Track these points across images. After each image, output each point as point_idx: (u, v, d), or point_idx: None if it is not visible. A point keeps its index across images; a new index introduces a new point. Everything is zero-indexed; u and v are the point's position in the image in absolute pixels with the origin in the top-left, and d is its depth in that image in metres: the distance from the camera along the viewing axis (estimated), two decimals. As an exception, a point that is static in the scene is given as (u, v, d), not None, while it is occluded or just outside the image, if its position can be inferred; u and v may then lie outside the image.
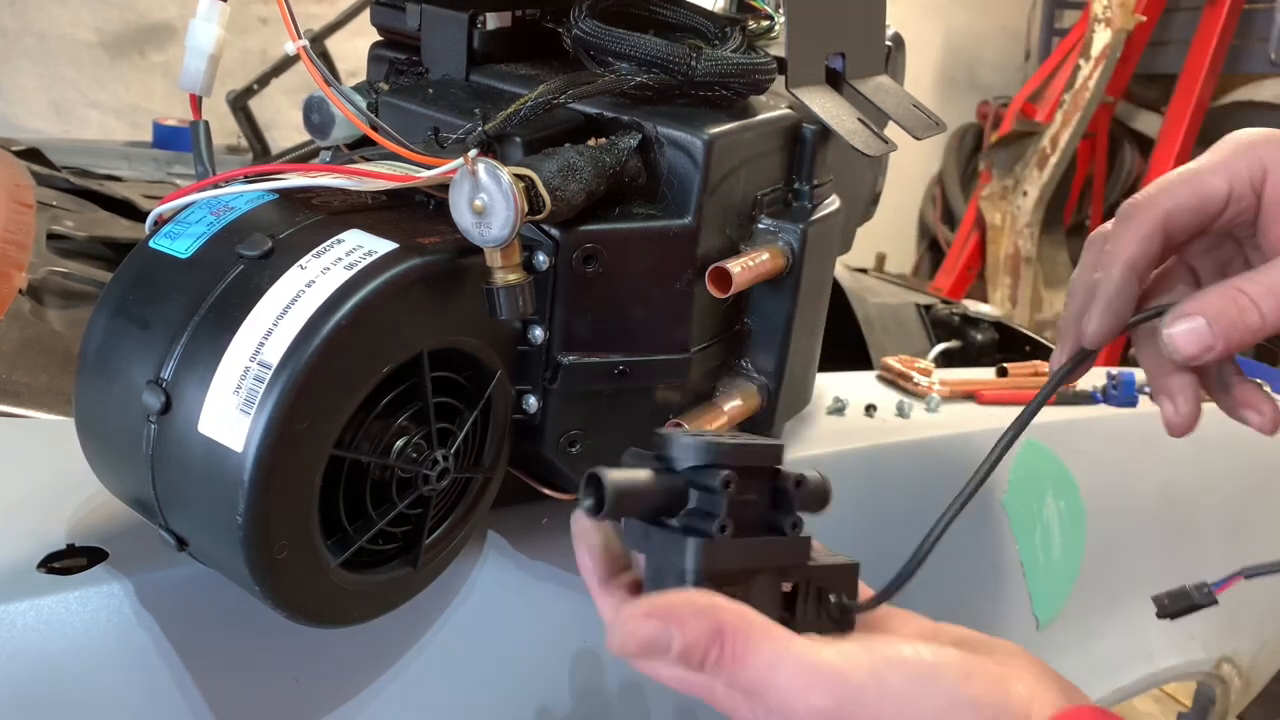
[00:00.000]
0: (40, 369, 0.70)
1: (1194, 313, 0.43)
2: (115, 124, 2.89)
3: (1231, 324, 0.43)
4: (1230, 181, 0.45)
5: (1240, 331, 0.43)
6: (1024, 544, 0.87)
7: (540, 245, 0.49)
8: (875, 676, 0.35)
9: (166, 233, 0.47)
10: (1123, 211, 0.47)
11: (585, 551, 0.43)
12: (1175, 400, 0.48)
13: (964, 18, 4.31)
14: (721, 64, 0.52)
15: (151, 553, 0.50)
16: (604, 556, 0.42)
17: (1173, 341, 0.43)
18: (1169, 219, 0.45)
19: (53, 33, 2.81)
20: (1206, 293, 0.44)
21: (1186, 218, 0.46)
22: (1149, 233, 0.45)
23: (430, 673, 0.57)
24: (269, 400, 0.40)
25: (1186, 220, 0.46)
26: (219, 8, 0.51)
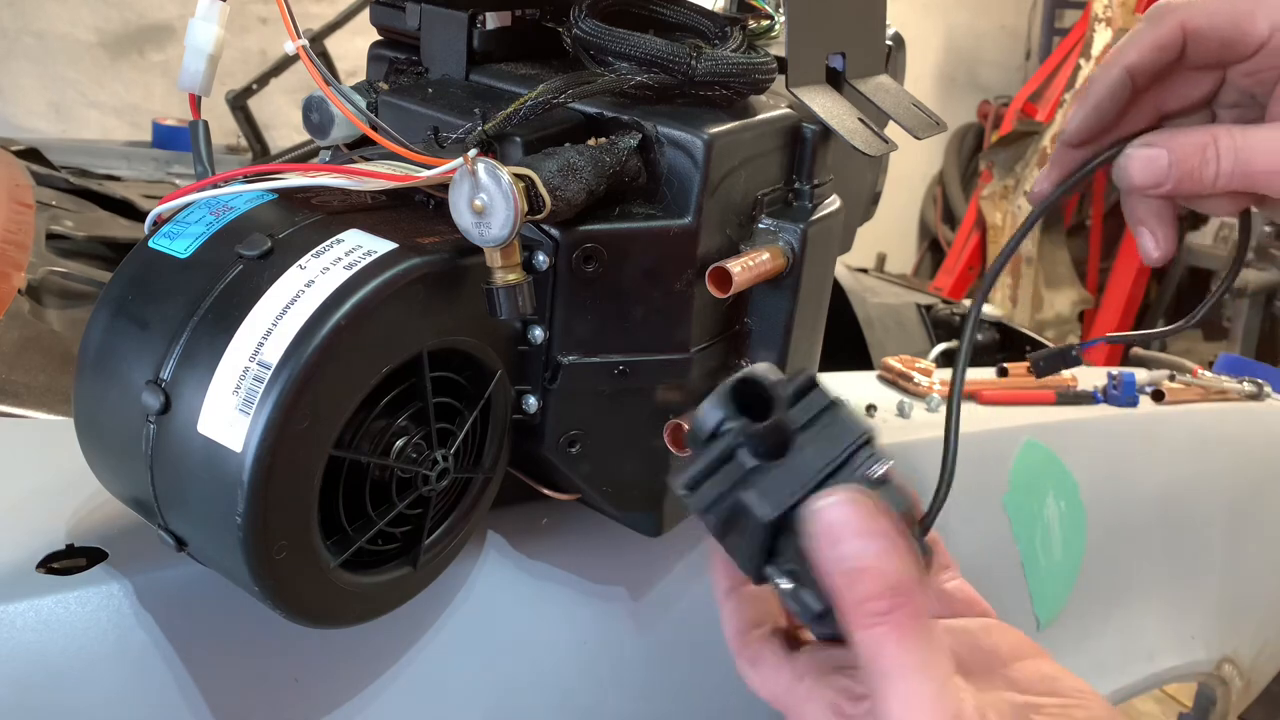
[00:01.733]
0: (39, 369, 0.70)
1: (1159, 144, 0.42)
2: (115, 124, 2.89)
3: (1189, 170, 0.41)
4: (1273, 28, 0.42)
5: (1194, 180, 0.41)
6: (1024, 544, 0.87)
7: (540, 245, 0.49)
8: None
9: (166, 233, 0.47)
10: (1149, 13, 0.44)
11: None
12: (1154, 231, 0.46)
13: (964, 17, 4.31)
14: (721, 64, 0.52)
15: (151, 553, 0.50)
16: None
17: (1127, 163, 0.42)
18: (1192, 32, 0.43)
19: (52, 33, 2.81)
20: (1184, 131, 0.42)
21: (1213, 40, 0.43)
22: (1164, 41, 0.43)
23: (430, 673, 0.57)
24: (268, 400, 0.40)
25: (1211, 43, 0.43)
26: (218, 7, 0.51)
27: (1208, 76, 0.46)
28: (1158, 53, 0.43)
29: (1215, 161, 0.42)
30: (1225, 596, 1.09)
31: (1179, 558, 1.03)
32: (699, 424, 0.37)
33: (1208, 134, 0.42)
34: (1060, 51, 3.47)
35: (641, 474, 0.57)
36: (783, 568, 0.36)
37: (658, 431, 0.55)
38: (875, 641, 0.32)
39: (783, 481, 0.35)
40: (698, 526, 0.65)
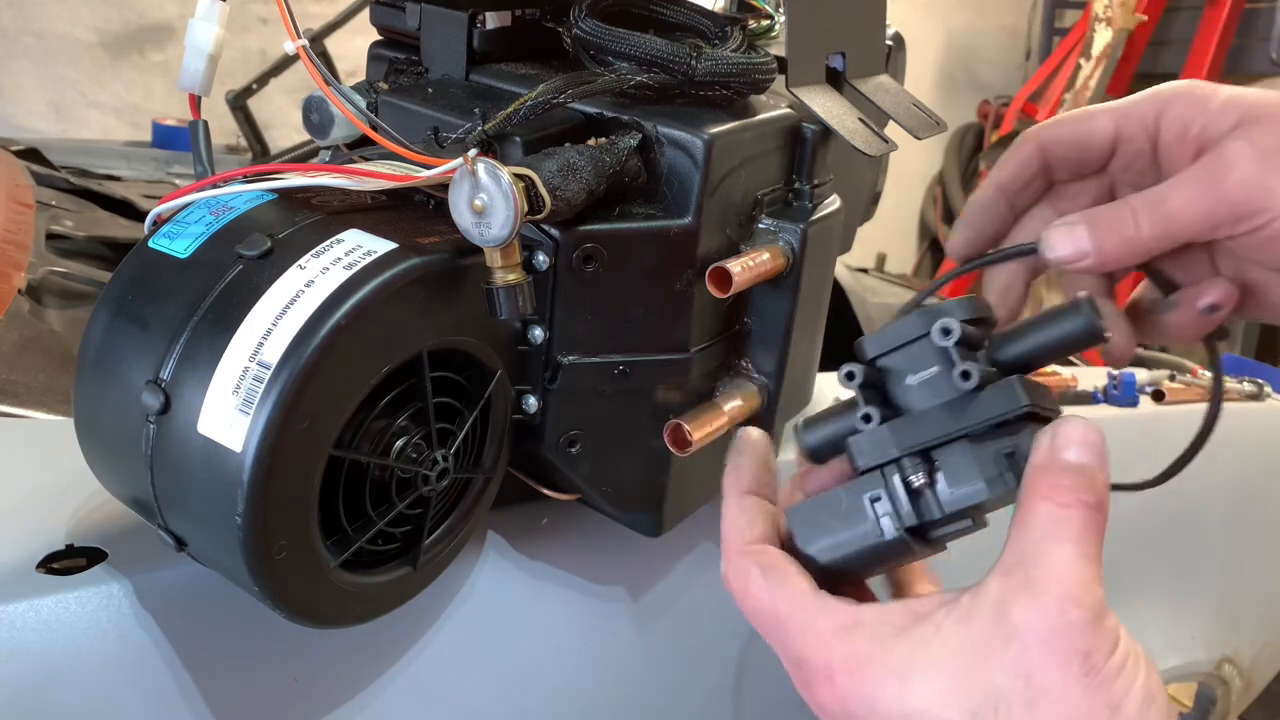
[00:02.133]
0: (39, 369, 0.70)
1: (1077, 220, 0.43)
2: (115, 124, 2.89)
3: (1108, 229, 0.43)
4: (1118, 123, 0.47)
5: (1116, 239, 0.43)
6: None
7: (540, 245, 0.49)
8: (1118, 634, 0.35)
9: (165, 232, 0.47)
10: (1017, 140, 0.49)
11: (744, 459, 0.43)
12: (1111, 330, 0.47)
13: (964, 17, 4.31)
14: (721, 63, 0.52)
15: (151, 553, 0.50)
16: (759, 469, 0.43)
17: (1048, 239, 0.43)
18: (1047, 149, 0.47)
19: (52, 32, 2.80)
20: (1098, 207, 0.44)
21: (1067, 150, 0.47)
22: (1025, 159, 0.48)
23: (430, 673, 0.57)
24: (268, 400, 0.40)
25: (1067, 154, 0.47)
26: (218, 7, 0.51)
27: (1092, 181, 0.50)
28: (1022, 170, 0.48)
29: (1134, 221, 0.43)
30: (1225, 596, 1.09)
31: (1179, 558, 1.03)
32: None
33: (1121, 202, 0.44)
34: (1060, 51, 3.47)
35: (641, 474, 0.57)
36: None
37: (658, 431, 0.55)
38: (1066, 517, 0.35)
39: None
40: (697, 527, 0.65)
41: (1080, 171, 0.48)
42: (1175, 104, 0.45)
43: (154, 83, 2.93)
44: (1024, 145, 0.48)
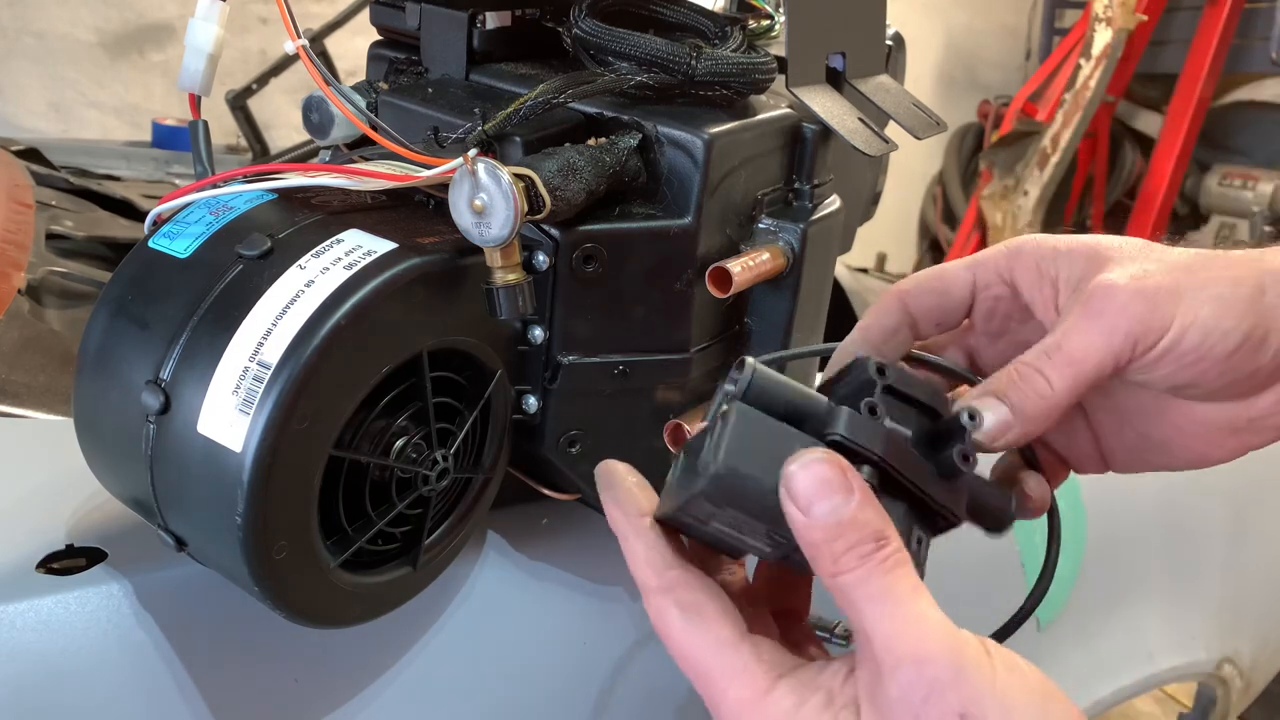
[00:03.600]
0: (39, 369, 0.70)
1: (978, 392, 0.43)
2: (114, 124, 2.89)
3: (1022, 395, 0.42)
4: (975, 272, 0.48)
5: (1035, 402, 0.42)
6: (1024, 544, 0.87)
7: (540, 245, 0.49)
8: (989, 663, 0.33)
9: (165, 232, 0.47)
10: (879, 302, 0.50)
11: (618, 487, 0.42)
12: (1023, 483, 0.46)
13: (964, 17, 4.31)
14: (721, 63, 0.52)
15: (151, 553, 0.50)
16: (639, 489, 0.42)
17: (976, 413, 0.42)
18: (907, 298, 0.48)
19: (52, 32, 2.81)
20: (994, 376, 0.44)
21: (928, 299, 0.48)
22: (885, 308, 0.48)
23: (430, 673, 0.57)
24: (268, 400, 0.40)
25: (929, 301, 0.48)
26: (218, 7, 0.51)
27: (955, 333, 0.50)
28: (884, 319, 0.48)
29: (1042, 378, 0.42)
30: (1225, 596, 1.09)
31: (1179, 557, 1.03)
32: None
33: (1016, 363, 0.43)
34: (1060, 51, 3.47)
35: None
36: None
37: (658, 431, 0.55)
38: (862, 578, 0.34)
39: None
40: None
41: (943, 322, 0.49)
42: (1024, 253, 0.46)
43: (154, 83, 2.94)
44: (886, 298, 0.48)
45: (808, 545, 0.35)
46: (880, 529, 0.35)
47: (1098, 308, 0.42)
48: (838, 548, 0.34)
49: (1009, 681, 0.33)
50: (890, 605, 0.33)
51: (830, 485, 0.34)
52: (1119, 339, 0.42)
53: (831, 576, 0.34)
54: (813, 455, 0.35)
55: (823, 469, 0.35)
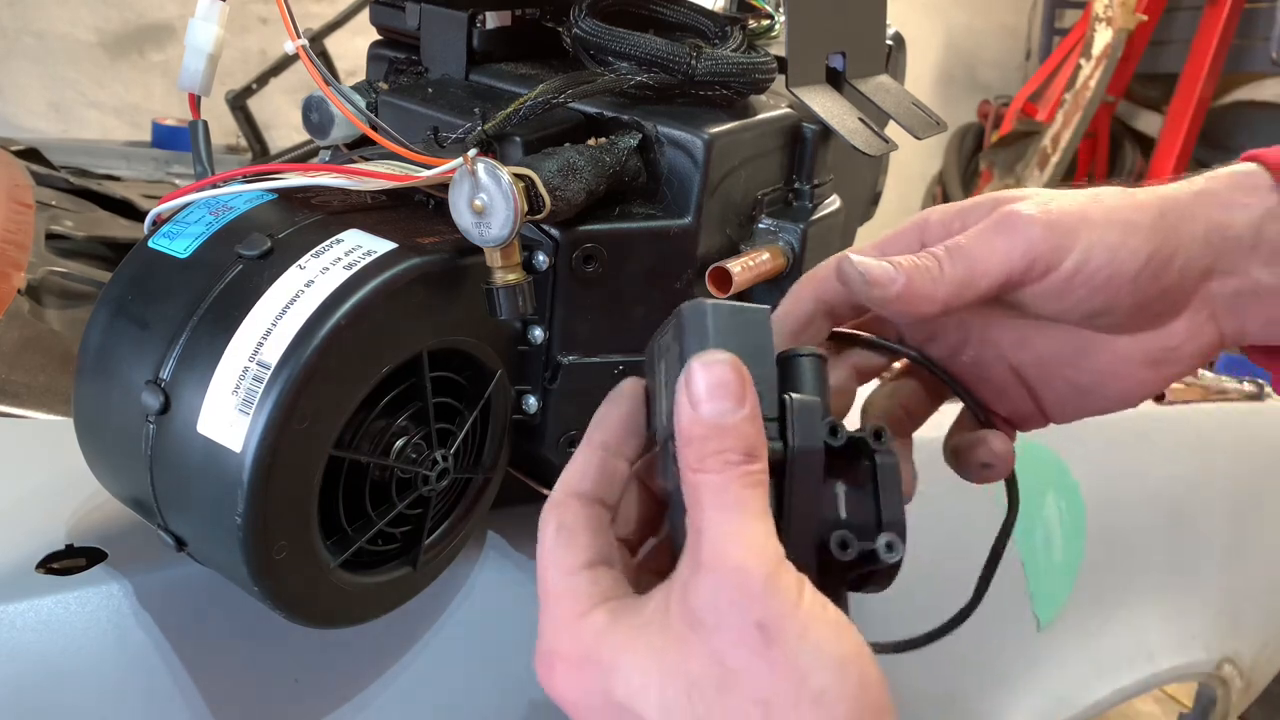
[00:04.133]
0: (39, 369, 0.70)
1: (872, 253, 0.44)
2: (114, 124, 2.89)
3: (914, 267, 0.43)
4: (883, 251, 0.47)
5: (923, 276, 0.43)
6: (1024, 544, 0.87)
7: (540, 245, 0.49)
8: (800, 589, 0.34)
9: (165, 232, 0.47)
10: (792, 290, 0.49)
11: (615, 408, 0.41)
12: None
13: (964, 17, 4.31)
14: (721, 63, 0.52)
15: (150, 553, 0.50)
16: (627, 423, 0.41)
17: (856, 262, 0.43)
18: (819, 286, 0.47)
19: (52, 32, 2.81)
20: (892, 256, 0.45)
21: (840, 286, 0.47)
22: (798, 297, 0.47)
23: (430, 673, 0.57)
24: (268, 400, 0.40)
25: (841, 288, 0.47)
26: (218, 7, 0.51)
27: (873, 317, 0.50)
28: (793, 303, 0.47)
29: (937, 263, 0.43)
30: (1226, 596, 1.09)
31: (1179, 558, 1.03)
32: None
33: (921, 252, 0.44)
34: (1060, 51, 3.47)
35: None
36: None
37: (658, 431, 0.55)
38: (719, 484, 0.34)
39: None
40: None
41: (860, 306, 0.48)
42: (930, 221, 0.47)
43: (154, 83, 2.94)
44: (798, 286, 0.48)
45: (683, 436, 0.35)
46: (754, 446, 0.35)
47: (1003, 226, 0.43)
48: (708, 447, 0.35)
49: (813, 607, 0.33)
50: (733, 515, 0.34)
51: (726, 389, 0.35)
52: (1017, 255, 0.43)
53: (693, 472, 0.35)
54: (719, 356, 0.35)
55: (724, 370, 0.35)
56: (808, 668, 0.32)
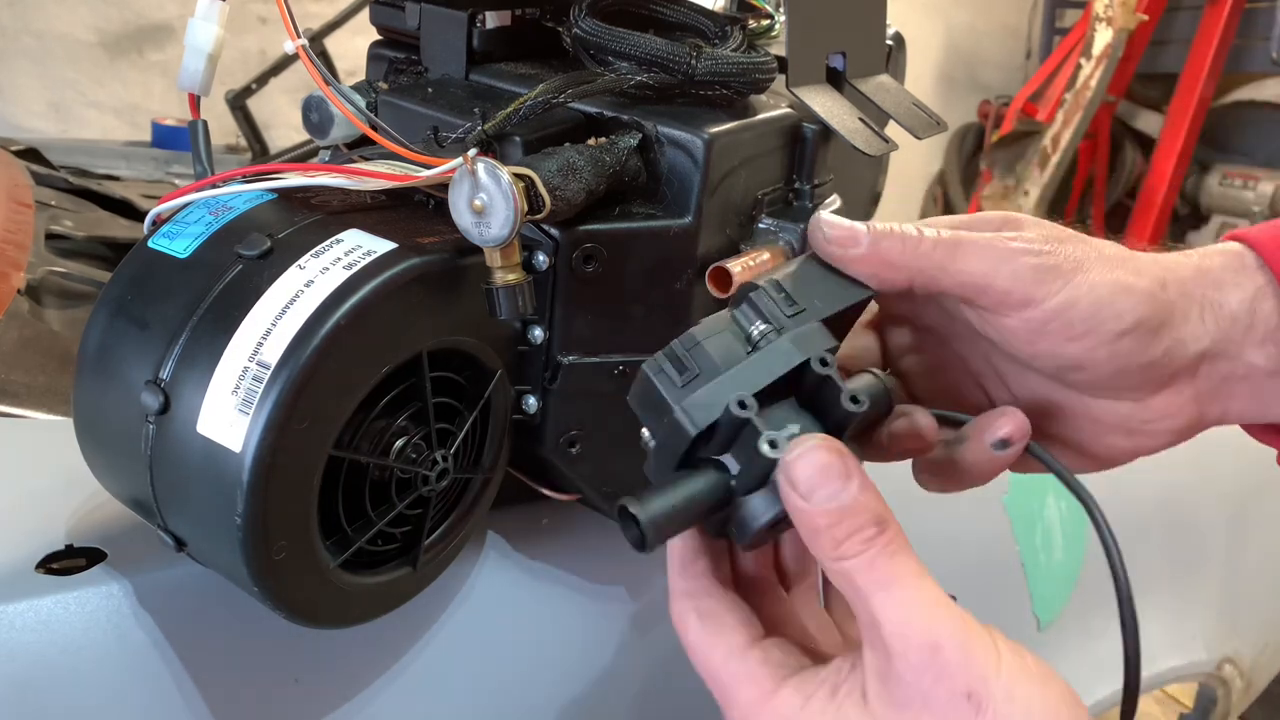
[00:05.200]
0: (39, 369, 0.70)
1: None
2: (114, 123, 2.89)
3: (889, 230, 0.42)
4: None
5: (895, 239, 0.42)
6: (1024, 544, 0.87)
7: (540, 245, 0.49)
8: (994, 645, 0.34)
9: (165, 232, 0.47)
10: None
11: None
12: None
13: (965, 17, 4.31)
14: (721, 63, 0.52)
15: (150, 553, 0.50)
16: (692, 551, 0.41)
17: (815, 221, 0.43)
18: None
19: (52, 32, 2.81)
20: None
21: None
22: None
23: (430, 673, 0.57)
24: (268, 400, 0.40)
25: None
26: (218, 7, 0.51)
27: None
28: None
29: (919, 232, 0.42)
30: (1226, 597, 1.09)
31: (1180, 558, 1.03)
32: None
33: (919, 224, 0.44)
34: (1060, 51, 3.47)
35: (641, 475, 0.57)
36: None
37: (658, 431, 0.54)
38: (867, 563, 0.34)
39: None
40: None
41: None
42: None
43: (154, 82, 2.94)
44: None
45: (809, 531, 0.35)
46: (880, 513, 0.35)
47: (1002, 247, 0.42)
48: (839, 533, 0.34)
49: (1013, 663, 0.33)
50: (897, 590, 0.34)
51: (830, 471, 0.35)
52: (1004, 270, 0.41)
53: (835, 561, 0.35)
54: (811, 442, 0.35)
55: (822, 455, 0.35)
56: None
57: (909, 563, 0.34)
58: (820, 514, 0.35)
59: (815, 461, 0.35)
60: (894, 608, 0.34)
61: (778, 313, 0.40)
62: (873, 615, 0.34)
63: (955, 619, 0.34)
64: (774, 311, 0.40)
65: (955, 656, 0.33)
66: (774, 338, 0.39)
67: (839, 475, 0.35)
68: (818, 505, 0.35)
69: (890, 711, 0.34)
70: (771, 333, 0.40)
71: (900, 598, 0.34)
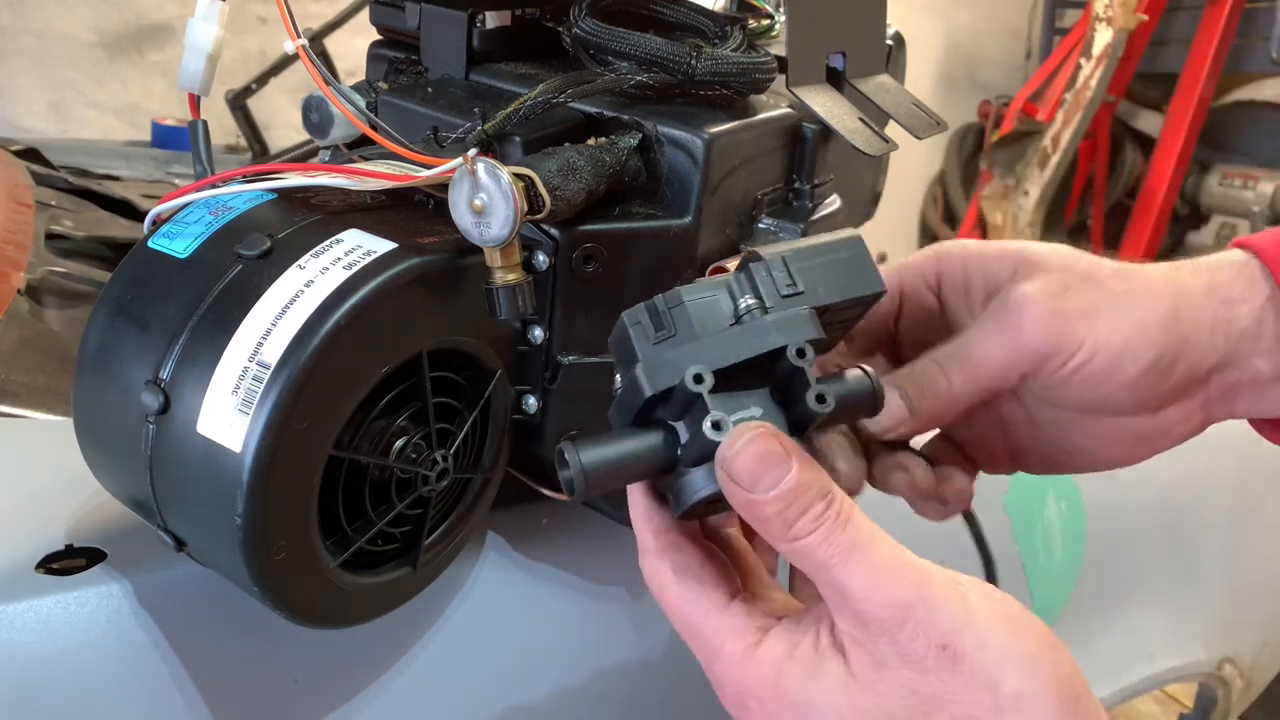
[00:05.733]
0: (39, 369, 0.70)
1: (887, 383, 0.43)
2: (114, 123, 2.88)
3: (921, 391, 0.43)
4: (901, 277, 0.48)
5: (931, 401, 0.43)
6: (1024, 544, 0.87)
7: (540, 245, 0.49)
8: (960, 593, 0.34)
9: (165, 232, 0.47)
10: None
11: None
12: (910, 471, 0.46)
13: (965, 17, 4.31)
14: (721, 63, 0.52)
15: (150, 553, 0.50)
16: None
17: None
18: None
19: (52, 32, 2.80)
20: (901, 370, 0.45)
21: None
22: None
23: (430, 673, 0.57)
24: (268, 400, 0.40)
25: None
26: (218, 7, 0.51)
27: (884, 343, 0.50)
28: None
29: (945, 378, 0.44)
30: (1226, 597, 1.09)
31: (1180, 558, 1.03)
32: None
33: (926, 360, 0.44)
34: (1061, 51, 3.47)
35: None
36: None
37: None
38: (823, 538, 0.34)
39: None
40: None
41: (870, 331, 0.48)
42: (950, 257, 0.47)
43: (153, 82, 2.93)
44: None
45: (759, 521, 0.35)
46: (824, 486, 0.35)
47: (1012, 321, 0.43)
48: (790, 515, 0.35)
49: (984, 610, 0.34)
50: (857, 558, 0.34)
51: (769, 458, 0.35)
52: (1025, 354, 0.43)
53: (790, 543, 0.35)
54: (747, 435, 0.35)
55: (758, 445, 0.35)
56: (998, 675, 0.32)
57: (862, 528, 0.35)
58: (766, 503, 0.35)
59: (753, 452, 0.35)
60: (858, 576, 0.34)
61: (773, 290, 0.39)
62: (837, 586, 0.34)
63: (919, 576, 0.34)
64: (769, 288, 0.39)
65: (923, 613, 0.33)
66: (759, 315, 0.38)
67: (778, 460, 0.35)
68: (762, 494, 0.35)
69: (870, 672, 0.34)
70: (758, 310, 0.38)
71: (862, 565, 0.34)
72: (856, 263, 0.41)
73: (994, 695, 0.32)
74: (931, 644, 0.33)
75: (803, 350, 0.37)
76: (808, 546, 0.34)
